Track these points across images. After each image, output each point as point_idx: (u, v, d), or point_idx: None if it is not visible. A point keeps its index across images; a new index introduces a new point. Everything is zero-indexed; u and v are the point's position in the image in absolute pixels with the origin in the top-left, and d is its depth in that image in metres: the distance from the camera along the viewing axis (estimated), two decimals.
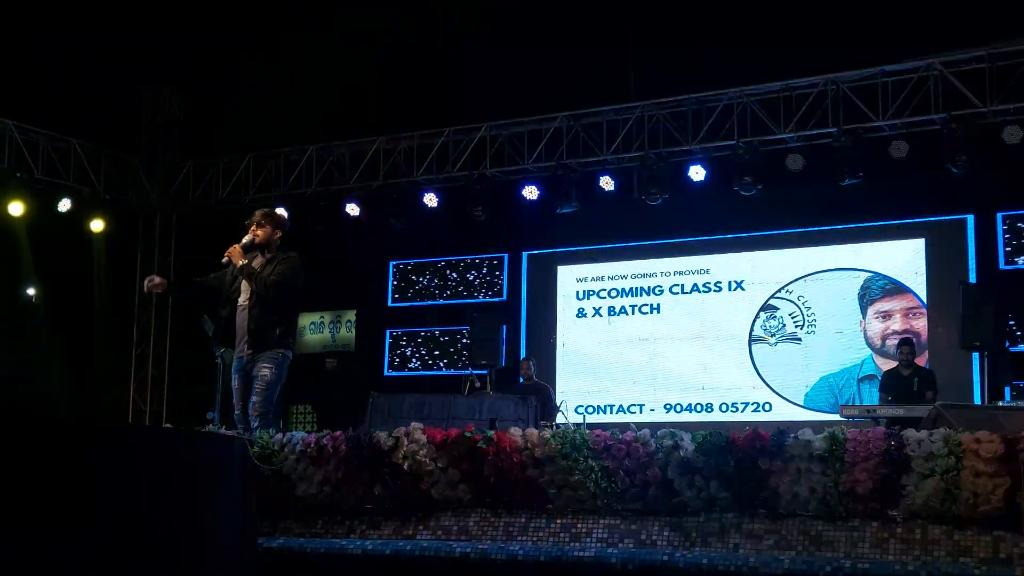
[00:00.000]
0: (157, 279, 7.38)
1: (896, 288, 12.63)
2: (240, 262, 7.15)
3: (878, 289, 12.72)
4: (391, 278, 15.22)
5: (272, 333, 7.10)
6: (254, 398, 7.04)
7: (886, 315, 12.65)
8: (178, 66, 14.71)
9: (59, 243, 14.62)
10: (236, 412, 7.22)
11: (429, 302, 15.03)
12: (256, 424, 6.92)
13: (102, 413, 14.62)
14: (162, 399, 15.36)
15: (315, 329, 15.87)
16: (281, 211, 7.63)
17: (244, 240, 7.24)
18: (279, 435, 6.48)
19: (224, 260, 7.28)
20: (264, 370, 7.05)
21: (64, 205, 13.72)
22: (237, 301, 7.22)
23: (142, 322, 15.41)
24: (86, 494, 4.32)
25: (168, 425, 11.31)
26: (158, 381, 15.42)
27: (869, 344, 12.66)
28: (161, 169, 15.32)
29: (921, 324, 12.40)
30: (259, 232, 7.27)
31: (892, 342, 12.14)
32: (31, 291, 19.64)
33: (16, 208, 13.02)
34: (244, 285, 7.19)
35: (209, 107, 15.28)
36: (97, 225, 14.13)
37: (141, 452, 4.82)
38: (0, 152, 13.14)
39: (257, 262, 7.24)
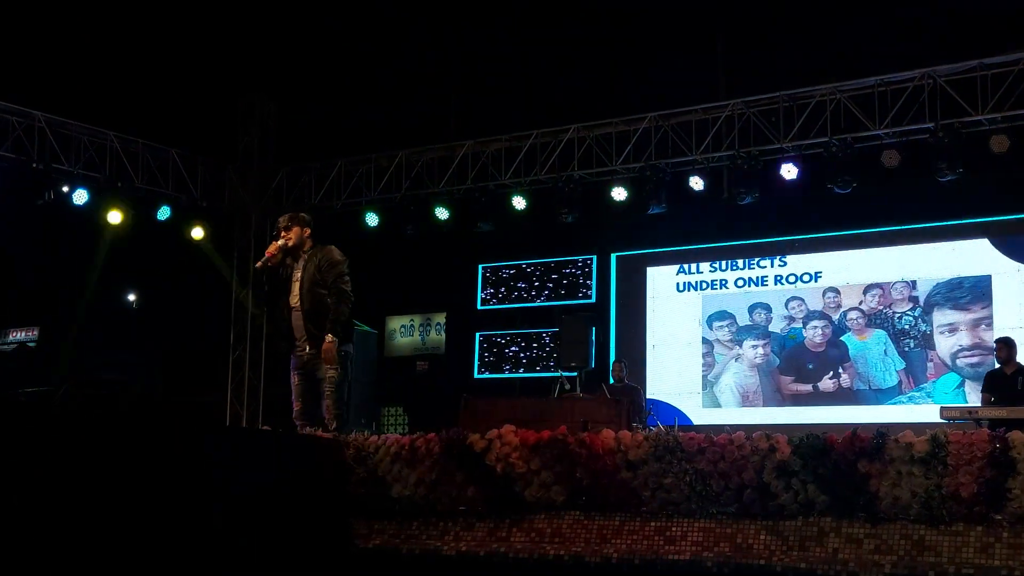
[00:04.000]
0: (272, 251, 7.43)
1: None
2: (277, 259, 7.26)
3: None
4: (480, 281, 15.30)
5: (326, 331, 7.22)
6: (326, 401, 7.17)
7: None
8: (271, 74, 14.98)
9: (158, 249, 15.02)
10: (296, 409, 7.33)
11: (518, 304, 15.07)
12: (334, 426, 7.03)
13: (199, 415, 14.96)
14: (258, 401, 15.65)
15: (405, 332, 16.03)
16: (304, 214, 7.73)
17: (277, 245, 7.37)
18: (374, 437, 6.56)
19: (259, 266, 7.43)
20: (330, 371, 7.17)
21: (163, 213, 14.09)
22: (289, 302, 7.37)
23: (238, 326, 15.72)
24: (183, 495, 4.42)
25: (265, 427, 11.52)
26: (254, 384, 15.71)
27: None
28: (255, 176, 15.62)
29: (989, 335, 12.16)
30: (290, 236, 7.40)
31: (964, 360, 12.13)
32: (131, 296, 20.20)
33: (115, 216, 13.38)
34: (293, 287, 7.35)
35: (301, 114, 15.54)
36: (197, 232, 14.46)
37: (239, 453, 4.93)
38: (101, 162, 13.53)
39: (299, 264, 7.37)
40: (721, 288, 13.88)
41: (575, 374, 12.72)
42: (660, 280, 14.27)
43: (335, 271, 7.31)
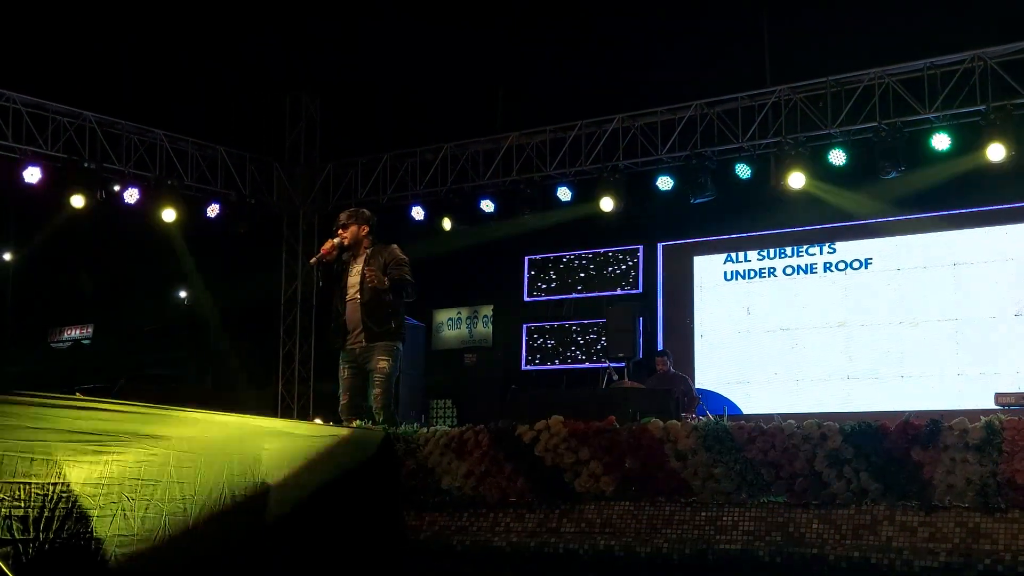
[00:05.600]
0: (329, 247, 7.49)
1: None
2: (384, 283, 7.28)
3: None
4: (526, 273, 15.31)
5: (387, 326, 7.33)
6: (376, 390, 7.23)
7: None
8: (315, 71, 15.10)
9: (208, 246, 15.21)
10: (343, 403, 7.40)
11: (565, 296, 15.06)
12: (382, 417, 7.09)
13: (250, 410, 15.11)
14: (308, 395, 15.79)
15: (453, 325, 16.08)
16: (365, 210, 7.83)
17: (333, 242, 7.47)
18: (423, 429, 6.59)
19: (312, 262, 7.52)
20: (382, 362, 7.25)
21: (213, 210, 14.24)
22: (347, 296, 7.44)
23: (288, 321, 15.87)
24: (234, 489, 4.46)
25: (316, 420, 11.63)
26: (304, 378, 15.86)
27: None
28: (302, 172, 15.75)
29: None
30: (346, 234, 7.48)
31: None
32: (183, 293, 20.44)
33: (169, 215, 13.54)
34: (352, 280, 7.42)
35: (346, 110, 15.64)
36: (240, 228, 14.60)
37: (289, 447, 4.97)
38: (152, 161, 13.71)
39: (358, 261, 7.45)
40: (769, 276, 13.77)
41: (623, 364, 12.71)
42: (707, 269, 14.19)
43: (401, 270, 7.40)
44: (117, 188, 13.30)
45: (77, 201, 12.73)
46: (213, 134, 14.46)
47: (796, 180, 12.00)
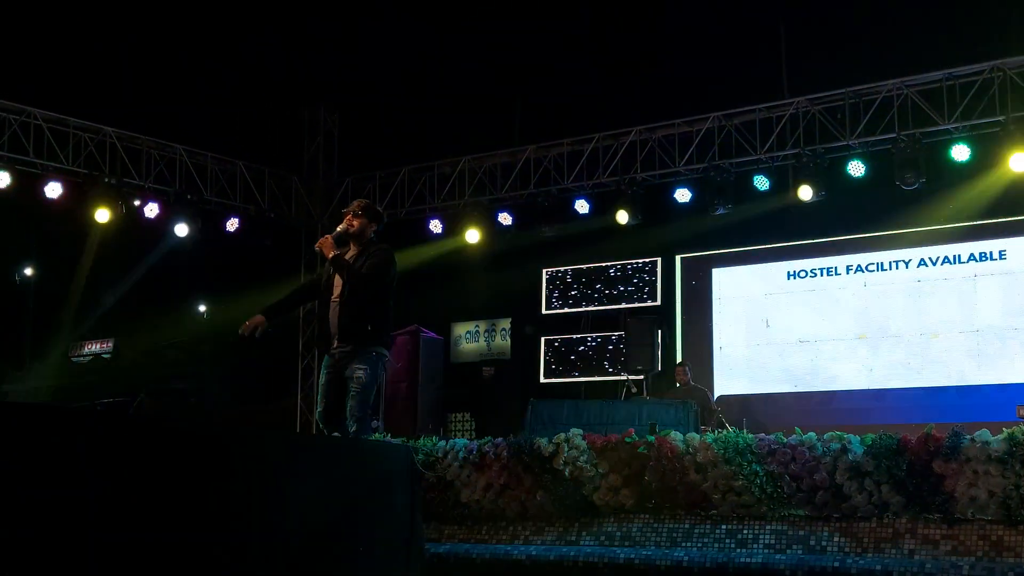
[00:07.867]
0: (248, 323, 7.01)
1: None
2: (331, 253, 6.83)
3: None
4: (544, 285, 15.29)
5: (363, 328, 6.71)
6: (350, 402, 6.62)
7: None
8: (333, 85, 15.16)
9: (228, 260, 15.26)
10: (319, 410, 6.88)
11: (583, 308, 15.03)
12: (353, 429, 6.54)
13: (270, 423, 15.16)
14: None
15: (471, 338, 16.07)
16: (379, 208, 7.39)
17: (338, 229, 7.03)
18: (442, 442, 6.59)
19: (316, 248, 7.03)
20: (359, 371, 6.62)
21: (232, 224, 14.31)
22: (330, 297, 6.87)
23: (307, 334, 15.91)
24: (256, 502, 4.48)
25: (335, 433, 11.63)
26: None
27: None
28: (321, 186, 15.81)
29: None
30: (355, 222, 6.99)
31: None
32: (202, 307, 20.51)
33: (188, 229, 13.60)
34: (336, 279, 6.85)
35: (364, 124, 15.69)
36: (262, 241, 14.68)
37: (309, 461, 4.98)
38: (172, 176, 13.79)
39: (349, 254, 6.93)
40: (789, 288, 13.70)
41: (641, 377, 12.68)
42: (725, 280, 14.14)
43: (374, 260, 6.87)
44: (137, 203, 13.38)
45: (98, 216, 12.83)
46: (232, 148, 14.54)
47: (809, 192, 11.98)
